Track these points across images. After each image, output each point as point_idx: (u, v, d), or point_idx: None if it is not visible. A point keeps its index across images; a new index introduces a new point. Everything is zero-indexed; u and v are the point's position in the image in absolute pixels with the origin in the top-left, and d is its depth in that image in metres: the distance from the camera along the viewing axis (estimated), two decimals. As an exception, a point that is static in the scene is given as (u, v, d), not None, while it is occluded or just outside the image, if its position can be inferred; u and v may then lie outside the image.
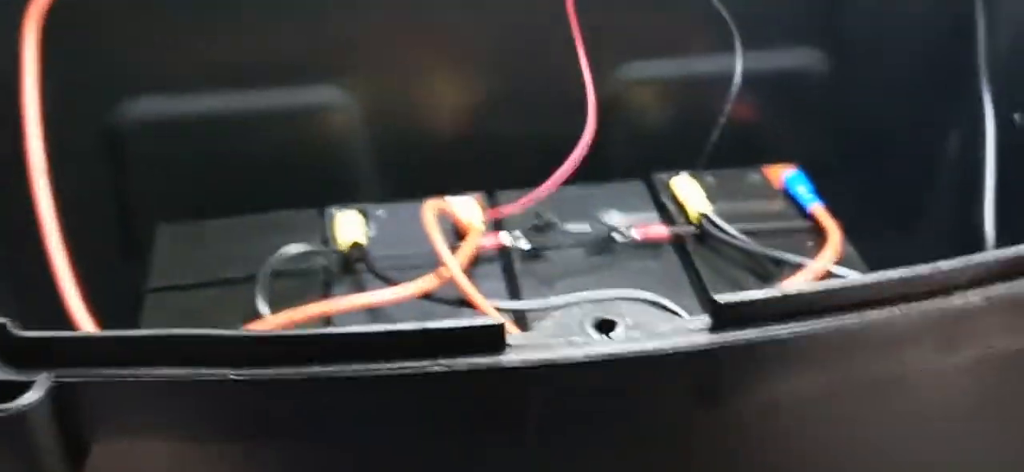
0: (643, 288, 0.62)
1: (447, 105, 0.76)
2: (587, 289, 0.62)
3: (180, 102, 0.71)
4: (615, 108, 0.75)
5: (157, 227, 0.68)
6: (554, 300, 0.60)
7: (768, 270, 0.64)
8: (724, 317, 0.36)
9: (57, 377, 0.34)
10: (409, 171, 0.75)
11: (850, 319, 0.37)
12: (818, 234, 0.67)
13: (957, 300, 0.38)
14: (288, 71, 0.71)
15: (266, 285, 0.60)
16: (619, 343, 0.36)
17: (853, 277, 0.37)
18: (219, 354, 0.35)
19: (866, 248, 0.72)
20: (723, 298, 0.36)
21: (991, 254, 0.38)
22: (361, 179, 0.75)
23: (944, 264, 0.38)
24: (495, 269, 0.65)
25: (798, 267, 0.62)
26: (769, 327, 0.36)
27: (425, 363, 0.35)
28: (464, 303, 0.58)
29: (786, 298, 0.37)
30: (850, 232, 0.68)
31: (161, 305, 0.62)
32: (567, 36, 0.67)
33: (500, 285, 0.64)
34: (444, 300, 0.60)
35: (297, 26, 0.70)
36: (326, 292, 0.63)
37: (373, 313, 0.59)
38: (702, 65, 0.74)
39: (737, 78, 0.72)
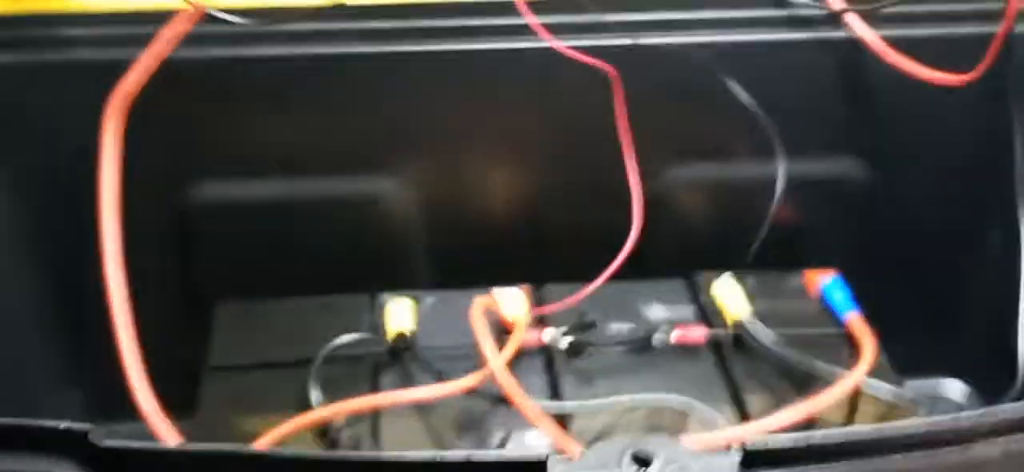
0: (680, 392, 0.64)
1: (499, 197, 0.79)
2: (625, 390, 0.64)
3: (244, 186, 0.75)
4: (661, 206, 0.78)
5: (217, 306, 0.71)
6: (593, 403, 0.62)
7: (802, 379, 0.66)
8: (753, 460, 0.38)
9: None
10: (460, 260, 0.78)
11: (874, 464, 0.39)
12: (853, 343, 0.69)
13: (977, 450, 0.40)
14: (347, 160, 0.75)
15: (319, 375, 0.62)
16: (654, 476, 0.38)
17: (875, 427, 0.39)
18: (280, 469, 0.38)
19: (903, 352, 0.74)
20: (752, 442, 0.38)
21: (1010, 407, 0.40)
22: (414, 266, 0.78)
23: (964, 416, 0.39)
24: (537, 364, 0.68)
25: (831, 378, 0.64)
26: (795, 469, 0.38)
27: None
28: (506, 400, 0.60)
29: (811, 444, 0.39)
30: (887, 335, 0.70)
31: (219, 384, 0.65)
32: (617, 134, 0.70)
33: (542, 381, 0.66)
34: (487, 396, 0.62)
35: (357, 117, 0.73)
36: (375, 380, 0.66)
37: (419, 407, 0.62)
38: (746, 169, 0.77)
39: (780, 184, 0.74)
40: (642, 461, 0.39)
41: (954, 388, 0.86)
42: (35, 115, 0.70)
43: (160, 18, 0.64)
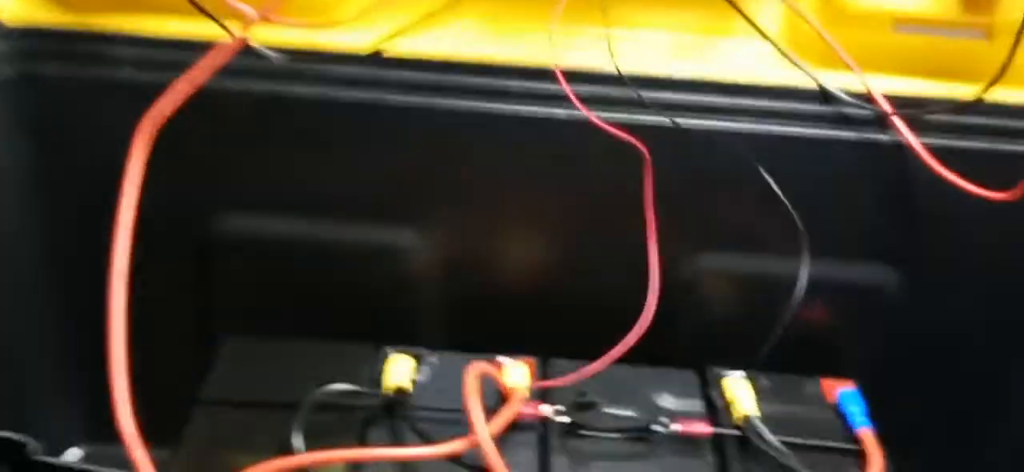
0: (674, 487, 0.62)
1: (519, 262, 0.78)
2: (616, 477, 0.63)
3: (267, 223, 0.75)
4: (682, 292, 0.76)
5: (225, 340, 0.71)
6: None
7: (805, 489, 0.63)
8: None
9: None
10: (472, 322, 0.77)
11: None
12: (862, 460, 0.66)
13: None
14: (371, 208, 0.75)
15: (304, 420, 0.62)
16: None
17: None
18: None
19: (934, 461, 0.71)
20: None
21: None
22: (425, 321, 0.78)
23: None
24: (532, 438, 0.66)
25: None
26: None
27: None
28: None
29: None
30: (909, 449, 0.67)
31: (206, 418, 0.65)
32: (643, 213, 0.69)
33: (532, 456, 0.65)
34: (471, 466, 0.61)
35: (385, 167, 0.73)
36: (364, 432, 0.65)
37: (402, 465, 0.61)
38: (774, 266, 0.75)
39: (802, 283, 0.72)
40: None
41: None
42: (73, 129, 0.72)
43: (203, 47, 0.64)
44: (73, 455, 0.81)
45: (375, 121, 0.72)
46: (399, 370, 0.68)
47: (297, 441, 0.61)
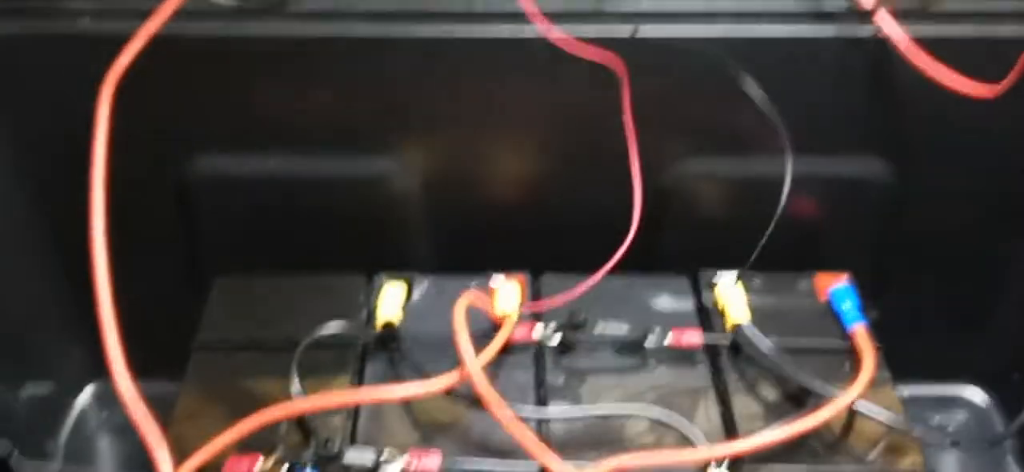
0: (669, 399, 0.63)
1: (504, 182, 0.77)
2: (612, 393, 0.64)
3: (245, 161, 0.74)
4: (670, 200, 0.76)
5: (215, 281, 0.71)
6: (570, 410, 0.61)
7: (798, 391, 0.64)
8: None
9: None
10: (462, 243, 0.77)
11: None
12: (855, 356, 0.66)
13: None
14: (351, 139, 0.74)
15: (301, 363, 0.62)
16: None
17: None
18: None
19: (924, 356, 0.72)
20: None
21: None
22: (415, 247, 0.78)
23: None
24: (526, 359, 0.67)
25: (826, 395, 0.62)
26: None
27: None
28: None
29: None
30: (907, 338, 0.68)
31: (204, 363, 0.66)
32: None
33: (528, 377, 0.65)
34: (466, 397, 0.61)
35: (361, 95, 0.72)
36: (361, 366, 0.66)
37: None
38: (761, 166, 0.74)
39: (787, 182, 0.71)
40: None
41: (975, 395, 0.83)
42: (37, 84, 0.70)
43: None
44: (87, 394, 0.83)
45: (347, 53, 0.70)
46: (390, 301, 0.68)
47: (295, 385, 0.61)
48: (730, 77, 0.69)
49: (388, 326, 0.66)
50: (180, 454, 0.58)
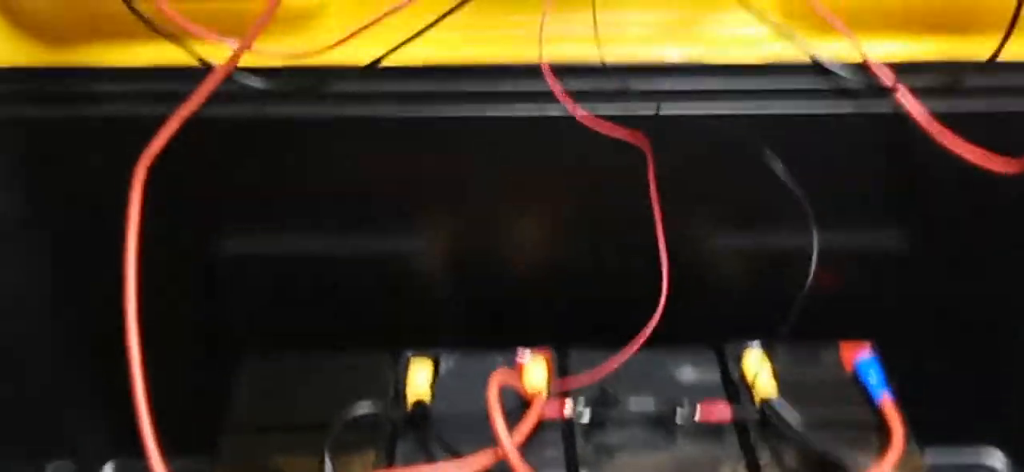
0: (700, 475, 0.63)
1: (528, 255, 0.78)
2: (645, 469, 0.64)
3: (270, 239, 0.75)
4: (695, 275, 0.76)
5: (242, 360, 0.71)
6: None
7: (829, 464, 0.64)
8: None
9: None
10: (488, 320, 0.77)
11: None
12: (884, 429, 0.66)
13: None
14: (372, 218, 0.74)
15: (334, 444, 0.62)
16: None
17: None
18: None
19: (945, 422, 0.72)
20: None
21: None
22: (439, 323, 0.78)
23: None
24: (556, 437, 0.67)
25: (857, 468, 0.62)
26: None
27: None
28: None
29: None
30: (929, 404, 0.68)
31: (235, 448, 0.65)
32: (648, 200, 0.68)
33: (558, 454, 0.65)
34: (501, 475, 0.62)
35: (382, 177, 0.72)
36: (392, 446, 0.66)
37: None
38: (784, 240, 0.74)
39: (814, 256, 0.71)
40: None
41: (996, 459, 0.83)
42: (70, 167, 0.71)
43: (193, 74, 0.63)
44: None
45: (374, 134, 0.71)
46: (419, 377, 0.69)
47: (329, 468, 0.61)
48: (752, 153, 0.69)
49: (419, 404, 0.66)
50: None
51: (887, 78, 0.68)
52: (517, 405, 0.67)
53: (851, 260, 0.76)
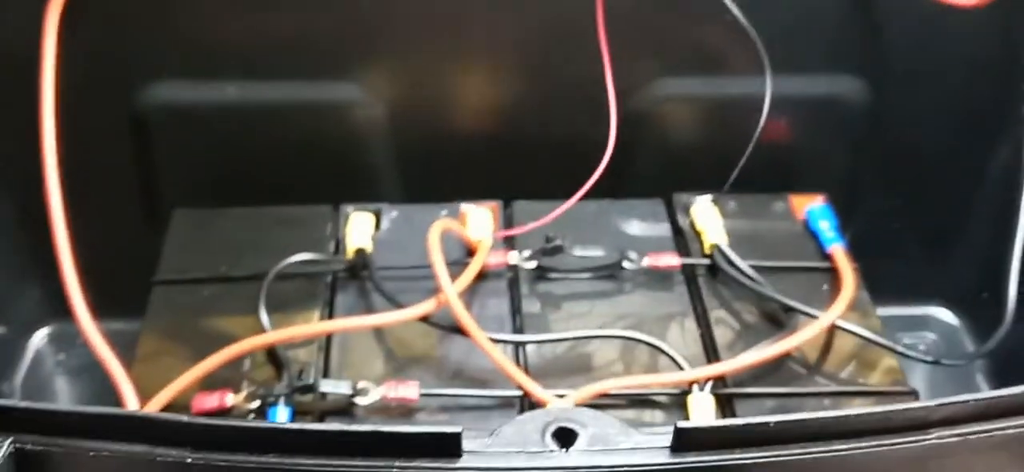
0: (647, 321, 0.62)
1: (472, 107, 0.75)
2: (590, 317, 0.62)
3: (203, 89, 0.71)
4: (644, 123, 0.74)
5: (173, 212, 0.69)
6: (547, 337, 0.60)
7: (776, 311, 0.63)
8: (685, 442, 0.36)
9: (17, 444, 0.35)
10: (429, 172, 0.75)
11: (813, 450, 0.36)
12: (834, 276, 0.65)
13: (932, 439, 0.37)
14: (312, 65, 0.71)
15: (271, 293, 0.60)
16: (576, 456, 0.36)
17: (818, 413, 0.36)
18: (178, 436, 0.35)
19: (895, 277, 0.71)
20: (683, 424, 0.35)
21: (965, 396, 0.37)
22: (380, 177, 0.75)
23: (919, 405, 0.37)
24: (501, 286, 0.65)
25: (805, 315, 0.61)
26: (729, 453, 0.36)
27: (380, 463, 0.35)
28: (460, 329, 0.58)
29: (748, 427, 0.36)
30: (879, 259, 0.67)
31: (165, 299, 0.63)
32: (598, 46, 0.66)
33: (503, 303, 0.64)
34: (441, 324, 0.60)
35: (323, 20, 0.69)
36: (331, 296, 0.63)
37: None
38: (736, 87, 0.72)
39: (767, 103, 0.70)
40: (564, 438, 0.36)
41: (945, 317, 0.83)
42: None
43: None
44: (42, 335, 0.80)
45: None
46: (358, 230, 0.66)
47: (264, 316, 0.59)
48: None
49: (359, 253, 0.64)
50: (143, 394, 0.55)
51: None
52: (461, 255, 0.65)
53: (804, 110, 0.74)
